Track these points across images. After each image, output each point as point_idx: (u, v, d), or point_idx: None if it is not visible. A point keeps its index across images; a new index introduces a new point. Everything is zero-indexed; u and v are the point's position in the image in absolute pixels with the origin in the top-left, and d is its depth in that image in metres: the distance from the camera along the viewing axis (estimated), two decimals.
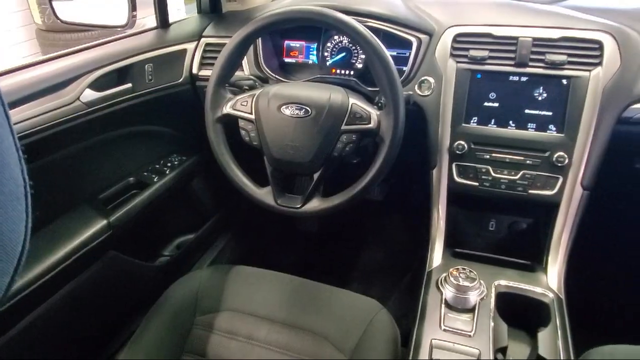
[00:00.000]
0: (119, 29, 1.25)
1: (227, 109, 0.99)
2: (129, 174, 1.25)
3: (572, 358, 0.82)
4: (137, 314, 1.02)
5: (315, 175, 0.96)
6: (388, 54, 0.88)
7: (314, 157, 0.93)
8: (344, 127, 0.92)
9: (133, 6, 1.24)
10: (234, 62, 0.98)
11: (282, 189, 1.00)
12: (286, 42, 1.30)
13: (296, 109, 0.93)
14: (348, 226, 1.86)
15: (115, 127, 1.15)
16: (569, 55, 0.98)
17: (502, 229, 1.17)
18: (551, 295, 0.94)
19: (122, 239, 1.14)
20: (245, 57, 1.20)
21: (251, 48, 1.21)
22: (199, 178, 1.50)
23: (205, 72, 1.26)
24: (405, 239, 1.73)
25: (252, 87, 1.08)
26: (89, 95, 1.02)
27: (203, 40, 1.29)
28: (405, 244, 1.70)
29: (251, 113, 0.97)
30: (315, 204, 0.96)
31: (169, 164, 1.32)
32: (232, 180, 1.01)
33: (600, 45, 0.98)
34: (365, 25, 0.89)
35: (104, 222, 1.07)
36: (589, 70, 0.97)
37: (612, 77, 0.96)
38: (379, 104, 0.96)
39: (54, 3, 1.24)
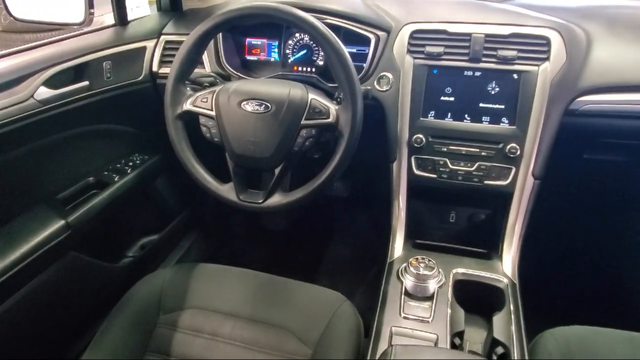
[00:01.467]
0: (76, 27, 1.22)
1: (187, 106, 0.98)
2: (89, 173, 1.22)
3: (525, 339, 0.86)
4: (101, 315, 1.00)
5: (277, 170, 0.96)
6: (345, 49, 0.89)
7: (275, 152, 0.94)
8: (303, 122, 0.93)
9: (90, 3, 1.22)
10: (193, 58, 0.98)
11: (244, 185, 1.00)
12: (248, 39, 1.30)
13: (256, 104, 0.94)
14: (315, 223, 1.87)
15: (73, 125, 1.13)
16: (519, 50, 1.02)
17: (462, 220, 1.21)
18: (505, 280, 0.98)
19: (83, 240, 1.12)
20: (206, 54, 1.21)
21: (212, 45, 1.22)
22: (162, 177, 1.49)
23: (165, 70, 1.25)
24: (371, 234, 1.75)
25: (212, 84, 1.08)
26: (44, 92, 1.00)
27: (163, 38, 1.28)
28: (371, 238, 1.73)
29: (212, 109, 0.97)
30: (277, 199, 0.97)
31: (130, 163, 1.30)
32: (193, 177, 1.00)
33: (547, 41, 1.02)
34: (324, 23, 0.90)
35: (62, 222, 1.05)
36: (538, 65, 1.02)
37: (558, 71, 1.01)
38: (338, 99, 0.97)
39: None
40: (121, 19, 1.26)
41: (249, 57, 1.30)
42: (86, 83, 1.10)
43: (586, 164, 1.17)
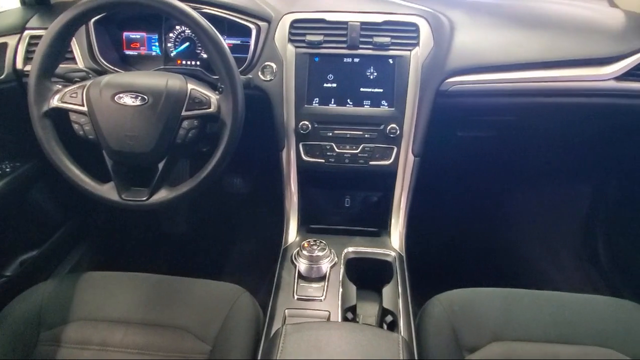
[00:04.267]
0: None
1: (54, 102, 0.91)
2: None
3: (411, 305, 0.91)
4: None
5: (160, 165, 0.93)
6: (220, 37, 0.88)
7: (156, 146, 0.90)
8: (184, 113, 0.90)
9: None
10: (56, 51, 0.91)
11: (126, 183, 0.95)
12: (125, 33, 1.23)
13: (132, 97, 0.89)
14: (218, 223, 1.84)
15: None
16: (392, 37, 1.08)
17: (357, 204, 1.25)
18: (393, 254, 1.04)
19: None
20: (77, 49, 1.14)
21: (83, 39, 1.14)
22: (40, 184, 1.36)
23: None
24: (275, 226, 1.76)
25: (84, 79, 1.01)
26: None
27: (27, 33, 1.18)
28: (275, 231, 1.73)
29: (83, 105, 0.91)
30: (162, 195, 0.93)
31: None
32: (68, 179, 0.93)
33: (416, 28, 1.10)
34: (201, 12, 0.89)
35: None
36: (410, 50, 1.09)
37: (428, 55, 1.09)
38: (220, 89, 0.96)
39: None
40: None
41: (128, 52, 1.24)
42: None
43: (460, 141, 1.27)
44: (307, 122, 1.09)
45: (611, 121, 1.25)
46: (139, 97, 0.89)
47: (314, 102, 1.11)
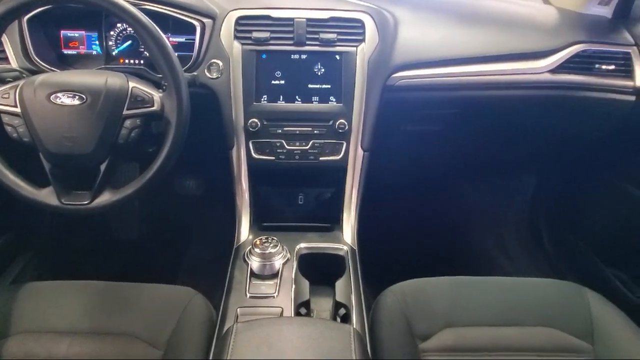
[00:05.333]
0: None
1: None
2: None
3: (363, 297, 0.93)
4: None
5: (102, 167, 0.90)
6: (160, 31, 0.86)
7: (97, 147, 0.87)
8: (125, 112, 0.88)
9: None
10: None
11: (67, 187, 0.91)
12: (63, 31, 1.18)
13: (68, 96, 0.86)
14: (171, 227, 1.79)
15: None
16: (338, 33, 1.09)
17: (310, 201, 1.25)
18: (345, 248, 1.05)
19: None
20: (10, 47, 1.09)
21: (17, 37, 1.09)
22: None
23: None
24: (229, 228, 1.73)
25: (17, 79, 0.96)
26: None
27: None
28: (230, 232, 1.71)
29: (16, 106, 0.87)
30: (106, 197, 0.90)
31: None
32: (2, 184, 0.89)
33: (362, 24, 1.11)
34: (143, 9, 0.86)
35: None
36: (356, 46, 1.10)
37: (373, 51, 1.10)
38: (164, 87, 0.94)
39: None
40: None
41: (66, 51, 1.19)
42: None
43: (409, 135, 1.29)
44: (256, 120, 1.09)
45: (549, 112, 1.31)
46: (77, 97, 0.86)
47: (262, 99, 1.10)
